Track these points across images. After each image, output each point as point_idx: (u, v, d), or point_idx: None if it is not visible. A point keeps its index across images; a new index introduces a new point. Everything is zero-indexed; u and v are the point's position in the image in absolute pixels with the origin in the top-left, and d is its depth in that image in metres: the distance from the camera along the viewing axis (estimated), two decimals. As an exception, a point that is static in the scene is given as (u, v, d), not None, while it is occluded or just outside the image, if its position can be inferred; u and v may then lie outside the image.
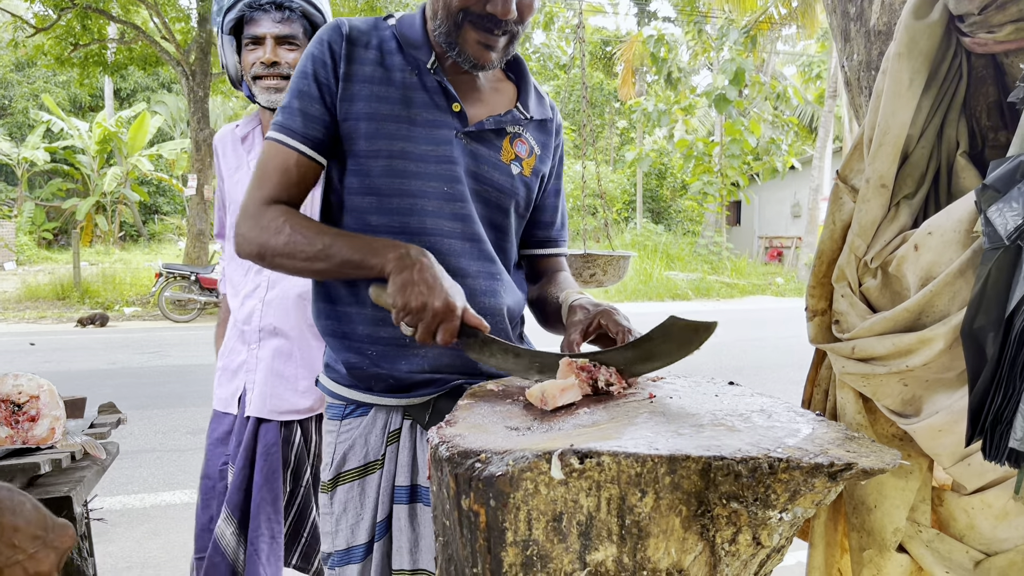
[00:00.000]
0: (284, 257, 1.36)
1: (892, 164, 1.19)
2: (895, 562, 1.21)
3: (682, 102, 21.29)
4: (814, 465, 0.89)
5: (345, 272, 1.34)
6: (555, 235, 1.71)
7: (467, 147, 1.45)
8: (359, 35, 1.44)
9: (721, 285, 18.29)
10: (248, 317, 2.08)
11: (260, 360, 2.06)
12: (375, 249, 1.31)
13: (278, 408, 2.05)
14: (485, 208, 1.49)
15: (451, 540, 1.01)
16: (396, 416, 1.47)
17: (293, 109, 1.41)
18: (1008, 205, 0.98)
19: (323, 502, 1.52)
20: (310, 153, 1.41)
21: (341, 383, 1.50)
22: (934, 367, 1.12)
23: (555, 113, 1.64)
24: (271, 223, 1.37)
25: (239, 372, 2.10)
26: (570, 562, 0.91)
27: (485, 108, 1.51)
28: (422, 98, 1.43)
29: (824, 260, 1.31)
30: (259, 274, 2.08)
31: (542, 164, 1.58)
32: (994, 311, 0.98)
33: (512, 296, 1.53)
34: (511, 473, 0.90)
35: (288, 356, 2.06)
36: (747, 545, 0.95)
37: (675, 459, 0.90)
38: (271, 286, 2.06)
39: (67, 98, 27.69)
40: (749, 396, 1.21)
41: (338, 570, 1.50)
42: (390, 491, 1.47)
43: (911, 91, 1.17)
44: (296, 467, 2.11)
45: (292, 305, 2.05)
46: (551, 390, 1.12)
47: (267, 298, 2.05)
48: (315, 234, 1.35)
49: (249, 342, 2.08)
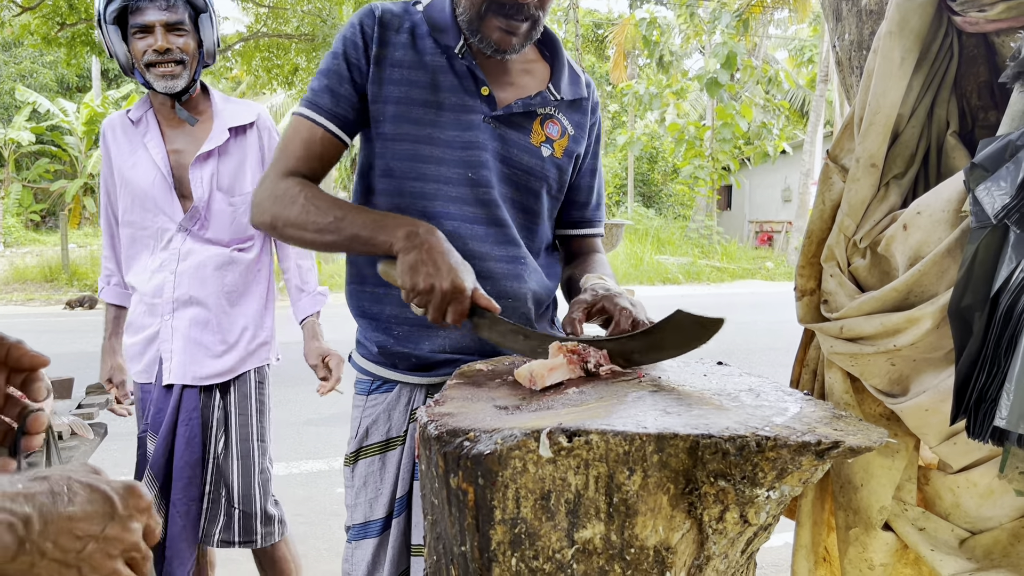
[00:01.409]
0: (295, 228, 1.37)
1: (882, 143, 1.19)
2: (881, 540, 1.22)
3: (674, 86, 21.22)
4: (801, 443, 0.89)
5: (354, 247, 1.35)
6: (590, 215, 1.71)
7: (496, 131, 1.45)
8: (391, 18, 1.45)
9: (711, 269, 18.34)
10: (158, 290, 2.15)
11: (176, 330, 2.14)
12: (384, 226, 1.31)
13: (198, 374, 2.13)
14: (516, 191, 1.49)
15: (440, 518, 1.01)
16: (419, 394, 1.51)
17: (322, 87, 1.44)
18: (996, 184, 0.97)
19: (345, 475, 1.57)
20: (335, 130, 1.44)
21: (369, 359, 1.55)
22: (921, 347, 1.12)
23: (591, 91, 1.62)
24: (286, 193, 1.38)
25: (153, 343, 2.17)
26: (558, 540, 0.91)
27: (515, 91, 1.50)
28: (451, 82, 1.44)
29: (814, 240, 1.31)
30: (165, 249, 2.16)
31: (576, 144, 1.57)
32: (981, 290, 0.99)
33: (538, 280, 1.53)
34: (499, 451, 0.90)
35: (205, 324, 2.15)
36: (734, 523, 0.96)
37: (663, 437, 0.90)
38: (183, 258, 2.15)
39: (54, 78, 27.37)
40: (738, 376, 1.21)
41: (355, 543, 1.53)
42: (410, 467, 1.49)
43: (902, 70, 1.17)
44: (215, 430, 2.19)
45: (209, 275, 2.15)
46: (539, 369, 1.12)
47: (179, 270, 2.14)
48: (328, 207, 1.35)
49: (161, 314, 2.15)
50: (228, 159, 2.20)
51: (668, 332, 1.19)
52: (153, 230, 2.18)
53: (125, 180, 2.19)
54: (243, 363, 2.21)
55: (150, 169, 2.16)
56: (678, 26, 22.62)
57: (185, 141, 2.20)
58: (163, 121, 2.21)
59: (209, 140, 2.17)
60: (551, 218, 1.61)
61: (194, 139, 2.20)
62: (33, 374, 0.89)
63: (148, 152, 2.16)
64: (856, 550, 1.25)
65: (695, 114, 24.54)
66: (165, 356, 2.14)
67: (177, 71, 2.09)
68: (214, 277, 2.15)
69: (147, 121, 2.20)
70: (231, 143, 2.21)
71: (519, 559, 0.92)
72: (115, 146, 2.21)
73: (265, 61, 14.70)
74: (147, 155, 2.16)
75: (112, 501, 0.72)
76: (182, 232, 2.16)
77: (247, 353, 2.22)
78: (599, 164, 1.70)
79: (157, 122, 2.20)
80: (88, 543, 0.68)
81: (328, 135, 1.44)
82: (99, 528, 0.69)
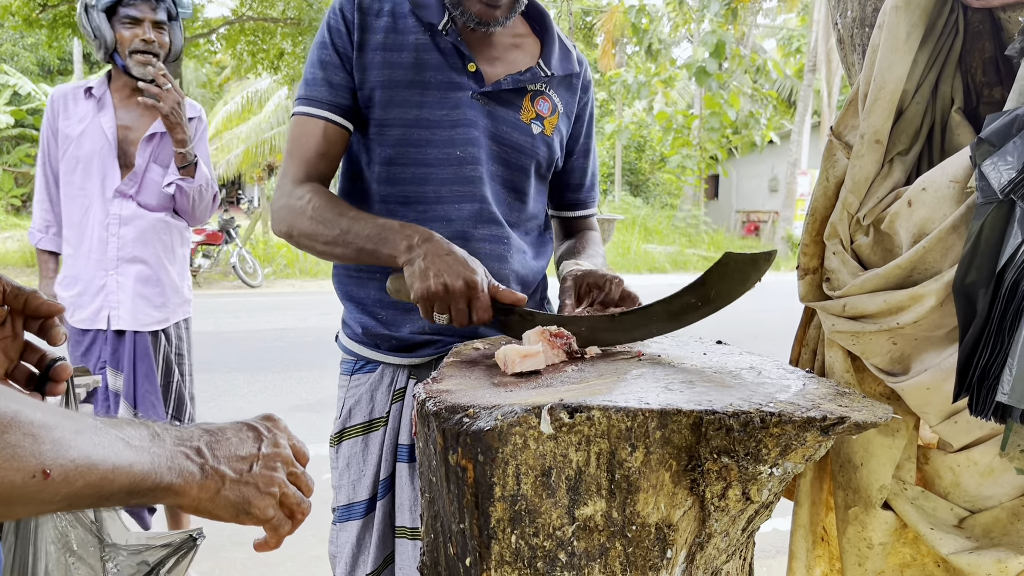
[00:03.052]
0: (308, 239, 1.39)
1: (887, 119, 1.17)
2: (880, 519, 1.22)
3: (662, 74, 21.21)
4: (806, 419, 0.88)
5: (362, 259, 1.34)
6: (584, 197, 1.70)
7: (485, 107, 1.43)
8: (371, 2, 1.43)
9: (698, 258, 18.39)
10: (101, 247, 2.51)
11: (122, 285, 2.53)
12: (386, 239, 1.28)
13: (144, 322, 2.56)
14: (504, 169, 1.47)
15: (437, 496, 1.00)
16: (402, 375, 1.50)
17: (318, 79, 1.43)
18: (1003, 159, 0.96)
19: (330, 456, 1.57)
20: (338, 120, 1.43)
21: (353, 339, 1.55)
22: (924, 325, 1.11)
23: (583, 68, 1.59)
24: (298, 203, 1.40)
25: (100, 294, 2.53)
26: (559, 517, 0.90)
27: (504, 66, 1.47)
28: (436, 60, 1.41)
29: (817, 218, 1.30)
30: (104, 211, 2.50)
31: (566, 122, 1.54)
32: (986, 267, 0.98)
33: (521, 261, 1.50)
34: (500, 427, 0.88)
35: (147, 280, 2.55)
36: (736, 500, 0.95)
37: (666, 413, 0.89)
38: (124, 222, 2.51)
39: (35, 61, 26.98)
40: (738, 354, 1.20)
41: (339, 525, 1.52)
42: (393, 448, 1.49)
43: (907, 45, 1.15)
44: (167, 366, 2.65)
45: (150, 237, 2.54)
46: (512, 355, 1.10)
47: (122, 232, 2.51)
48: (334, 218, 1.34)
49: (107, 269, 2.52)
50: (168, 141, 2.55)
51: (720, 279, 1.13)
52: (92, 190, 2.51)
53: (71, 144, 2.51)
54: (175, 313, 2.65)
55: (99, 139, 2.50)
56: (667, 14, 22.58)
57: (132, 119, 2.56)
58: (118, 99, 2.57)
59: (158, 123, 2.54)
60: (540, 197, 1.58)
61: (141, 120, 2.56)
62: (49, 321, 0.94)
63: (100, 124, 2.51)
64: (855, 529, 1.24)
65: (683, 103, 24.55)
66: (112, 306, 2.53)
67: (153, 60, 2.47)
68: (154, 239, 2.55)
69: (105, 98, 2.55)
70: None
71: (519, 536, 0.90)
72: (64, 112, 2.54)
73: (250, 45, 14.52)
74: (98, 126, 2.51)
75: (255, 427, 0.83)
76: (119, 196, 2.51)
77: (177, 305, 2.66)
78: (593, 144, 1.68)
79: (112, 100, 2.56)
80: (253, 462, 0.78)
81: (331, 126, 1.43)
82: (256, 448, 0.79)
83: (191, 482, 0.71)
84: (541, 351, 1.13)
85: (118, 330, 2.54)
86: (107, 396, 2.58)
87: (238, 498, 0.75)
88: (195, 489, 0.71)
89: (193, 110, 2.65)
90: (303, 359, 6.65)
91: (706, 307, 1.16)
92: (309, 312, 9.36)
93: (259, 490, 0.77)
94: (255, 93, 23.27)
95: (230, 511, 0.75)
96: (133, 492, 0.65)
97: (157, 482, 0.67)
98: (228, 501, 0.74)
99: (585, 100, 1.60)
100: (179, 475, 0.69)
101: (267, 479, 0.78)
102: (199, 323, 8.51)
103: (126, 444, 0.65)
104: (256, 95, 23.27)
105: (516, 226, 1.52)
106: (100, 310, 2.53)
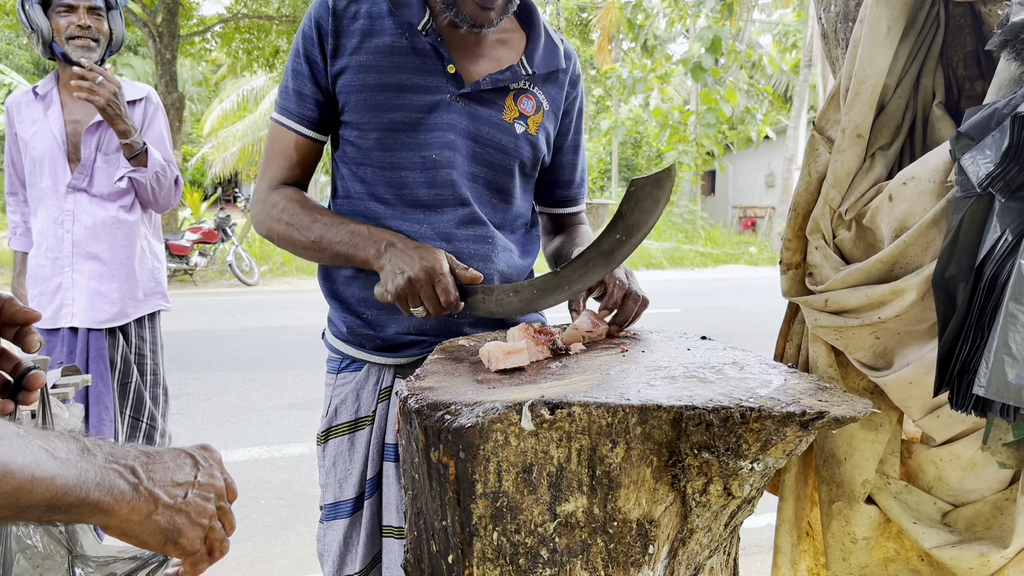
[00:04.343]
0: (286, 243, 1.45)
1: (868, 114, 1.17)
2: (864, 513, 1.22)
3: (658, 70, 21.18)
4: (786, 414, 0.88)
5: (338, 263, 1.41)
6: (573, 194, 1.70)
7: (465, 109, 1.42)
8: (345, 5, 1.42)
9: (695, 254, 18.39)
10: (57, 244, 2.52)
11: (76, 282, 2.52)
12: (356, 244, 1.35)
13: (99, 319, 2.52)
14: (487, 170, 1.47)
15: (420, 493, 1.00)
16: (388, 374, 1.50)
17: (289, 90, 1.46)
18: (981, 152, 0.96)
19: (317, 454, 1.58)
20: (308, 133, 1.46)
21: (339, 338, 1.55)
22: (906, 319, 1.11)
23: (571, 63, 1.57)
24: (273, 209, 1.46)
25: (58, 292, 2.53)
26: (540, 513, 0.90)
27: (487, 63, 1.46)
28: (412, 63, 1.40)
29: (800, 213, 1.30)
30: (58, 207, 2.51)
31: (551, 120, 1.53)
32: (965, 260, 0.98)
33: (507, 259, 1.51)
34: (481, 424, 0.88)
35: (102, 276, 2.53)
36: (718, 496, 0.95)
37: (646, 409, 0.89)
38: (76, 218, 2.51)
39: (30, 60, 26.90)
40: (721, 350, 1.20)
41: (327, 524, 1.52)
42: (379, 448, 1.49)
43: (888, 39, 1.15)
44: (124, 365, 2.59)
45: (101, 233, 2.53)
46: (495, 352, 1.10)
47: (75, 228, 2.51)
48: (308, 224, 1.40)
49: (63, 266, 2.52)
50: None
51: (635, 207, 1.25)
52: (46, 189, 2.52)
53: (27, 147, 2.55)
54: (135, 309, 2.59)
55: (47, 137, 2.51)
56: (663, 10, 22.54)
57: (83, 112, 2.55)
58: (65, 95, 2.57)
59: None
60: (526, 195, 1.57)
61: (90, 111, 2.53)
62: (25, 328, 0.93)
63: (48, 123, 2.53)
64: (839, 524, 1.25)
65: (679, 99, 24.52)
66: (67, 302, 2.51)
67: (92, 46, 2.48)
68: (106, 234, 2.53)
69: (52, 96, 2.57)
70: None
71: (501, 533, 0.90)
72: (18, 118, 2.58)
73: (245, 43, 14.50)
74: (47, 125, 2.52)
75: (193, 455, 0.80)
76: (72, 192, 2.51)
77: (138, 301, 2.60)
78: (582, 141, 1.66)
79: (59, 97, 2.57)
80: (188, 489, 0.76)
81: (301, 139, 1.46)
82: (193, 476, 0.77)
83: (121, 501, 0.67)
84: (525, 348, 1.13)
85: (73, 327, 2.52)
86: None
87: (169, 525, 0.72)
88: (125, 509, 0.68)
89: (138, 91, 2.63)
90: (299, 357, 6.65)
91: (631, 238, 1.27)
92: (305, 310, 9.36)
93: (191, 519, 0.75)
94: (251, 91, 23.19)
95: (158, 537, 0.72)
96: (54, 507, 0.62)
97: (82, 498, 0.64)
98: (158, 526, 0.71)
99: (573, 95, 1.57)
100: (108, 493, 0.66)
101: (200, 509, 0.76)
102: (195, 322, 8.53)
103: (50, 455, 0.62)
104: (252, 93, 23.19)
105: (501, 226, 1.51)
106: (60, 308, 2.52)
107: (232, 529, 0.82)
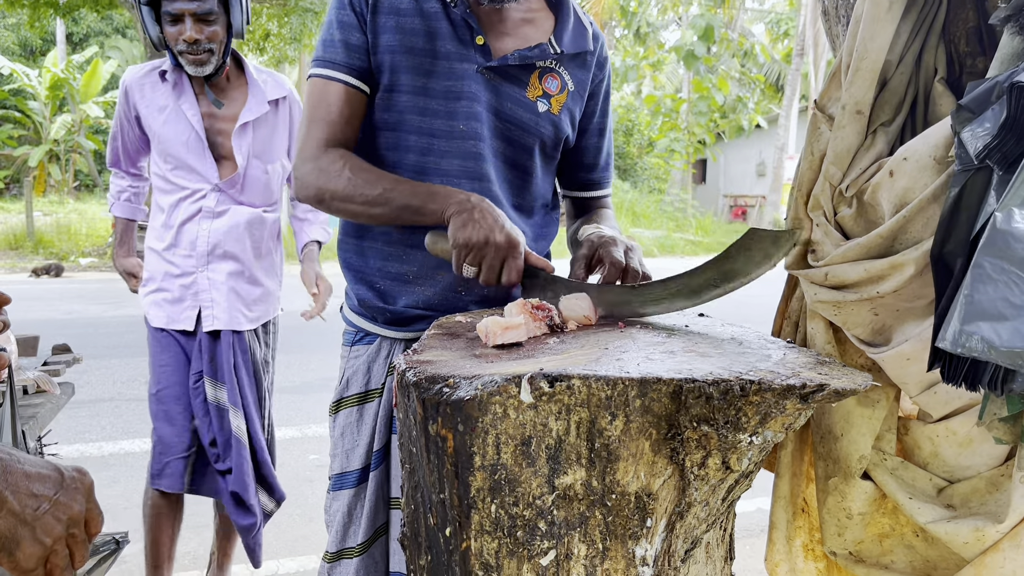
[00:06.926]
0: (343, 201, 1.38)
1: (869, 90, 1.17)
2: (859, 489, 1.23)
3: (651, 57, 21.15)
4: (786, 387, 0.88)
5: (403, 217, 1.36)
6: (598, 177, 1.69)
7: (490, 82, 1.42)
8: None
9: (686, 243, 18.44)
10: (192, 243, 2.31)
11: (214, 282, 2.31)
12: (434, 195, 1.32)
13: (240, 320, 2.35)
14: (507, 146, 1.47)
15: (418, 466, 0.99)
16: (399, 348, 1.51)
17: (335, 41, 1.41)
18: (980, 125, 0.96)
19: (329, 424, 1.59)
20: (356, 83, 1.42)
21: (353, 311, 1.57)
22: (904, 294, 1.11)
23: (599, 45, 1.56)
24: (330, 167, 1.39)
25: (189, 292, 2.32)
26: (538, 486, 0.90)
27: (514, 41, 1.46)
28: (446, 30, 1.41)
29: (803, 192, 1.29)
30: (194, 203, 2.30)
31: (576, 101, 1.52)
32: (963, 234, 0.97)
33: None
34: (480, 397, 0.87)
35: (240, 276, 2.35)
36: (716, 469, 0.95)
37: (646, 382, 0.88)
38: (216, 216, 2.31)
39: (16, 41, 26.57)
40: (720, 326, 1.20)
41: (333, 494, 1.54)
42: (387, 420, 1.49)
43: (890, 15, 1.14)
44: (262, 366, 2.47)
45: (242, 232, 2.34)
46: (493, 327, 1.10)
47: (213, 227, 2.31)
48: (375, 179, 1.36)
49: (197, 266, 2.32)
50: (262, 129, 2.36)
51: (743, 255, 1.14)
52: (187, 188, 2.31)
53: (155, 135, 2.31)
54: (268, 311, 2.46)
55: (184, 129, 2.28)
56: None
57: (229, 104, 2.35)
58: (196, 86, 2.34)
59: (249, 111, 2.32)
60: (546, 176, 1.57)
61: (227, 106, 2.34)
62: None
63: (183, 113, 2.28)
64: (835, 499, 1.25)
65: (671, 87, 24.49)
66: (205, 305, 2.31)
67: (205, 58, 2.21)
68: (247, 234, 2.35)
69: (183, 84, 2.31)
70: (267, 113, 2.37)
71: (499, 506, 0.90)
72: (142, 99, 2.32)
73: (235, 25, 14.33)
74: (181, 115, 2.28)
75: (61, 471, 0.75)
76: (216, 192, 2.31)
77: (271, 302, 2.47)
78: (608, 123, 1.66)
79: (191, 86, 2.31)
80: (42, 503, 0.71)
81: (350, 89, 1.42)
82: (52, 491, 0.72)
83: None
84: (523, 323, 1.12)
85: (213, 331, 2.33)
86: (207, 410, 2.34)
87: (9, 531, 0.68)
88: None
89: (280, 89, 2.42)
90: (290, 342, 6.61)
91: (725, 284, 1.17)
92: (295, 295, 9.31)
93: (33, 535, 0.70)
94: (241, 75, 22.95)
95: None
96: None
97: None
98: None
99: (600, 77, 1.58)
100: None
101: (48, 527, 0.71)
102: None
103: None
104: (241, 77, 22.95)
105: (518, 206, 1.52)
106: (189, 310, 2.33)
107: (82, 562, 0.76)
